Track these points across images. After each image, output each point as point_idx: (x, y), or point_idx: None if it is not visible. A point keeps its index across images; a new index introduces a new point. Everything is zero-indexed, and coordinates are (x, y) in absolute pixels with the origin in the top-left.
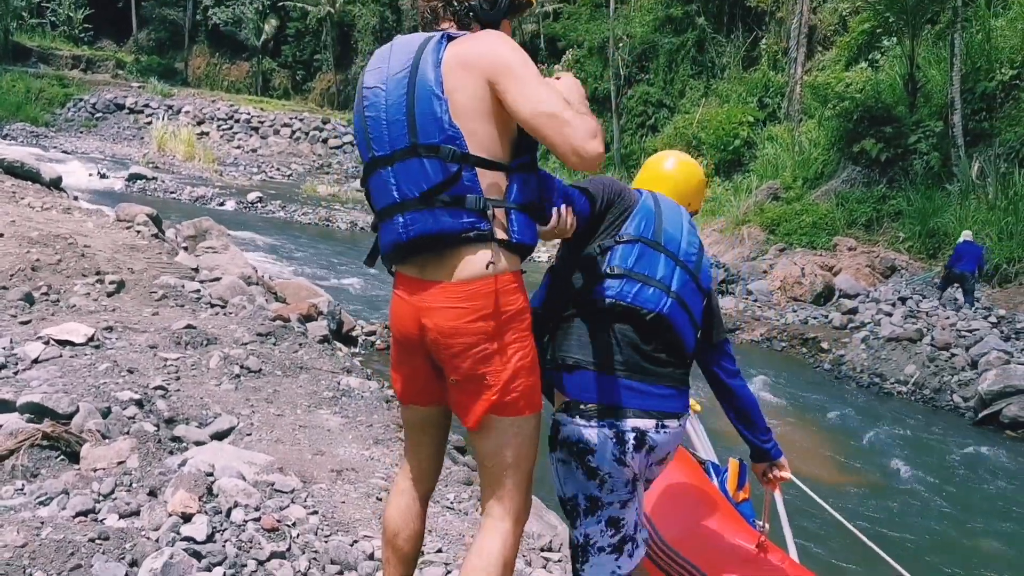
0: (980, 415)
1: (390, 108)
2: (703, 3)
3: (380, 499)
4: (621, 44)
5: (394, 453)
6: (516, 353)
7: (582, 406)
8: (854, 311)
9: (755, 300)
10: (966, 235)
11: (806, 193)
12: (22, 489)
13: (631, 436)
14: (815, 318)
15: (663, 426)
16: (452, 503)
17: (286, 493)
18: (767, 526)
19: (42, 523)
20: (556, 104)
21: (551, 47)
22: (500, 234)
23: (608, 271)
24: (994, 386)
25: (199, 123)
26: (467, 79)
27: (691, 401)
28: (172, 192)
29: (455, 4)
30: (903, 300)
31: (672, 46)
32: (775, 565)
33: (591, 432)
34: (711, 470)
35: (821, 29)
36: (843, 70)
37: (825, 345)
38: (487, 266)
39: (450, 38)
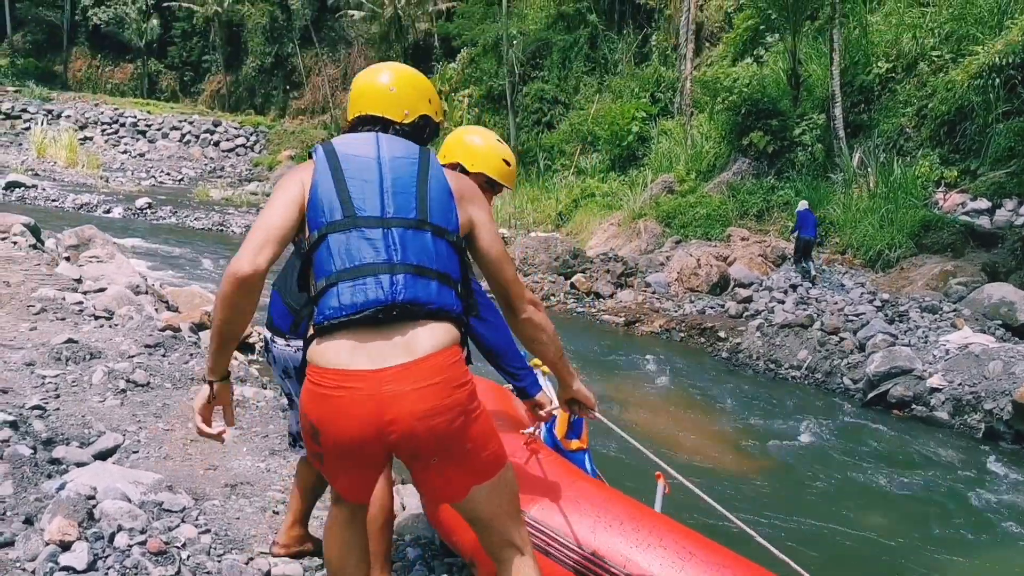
0: (868, 396)
1: (395, 181)
2: (593, 1)
3: (277, 512)
4: (515, 42)
5: (291, 464)
6: (483, 416)
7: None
8: (749, 300)
9: (654, 292)
10: (803, 204)
11: (699, 186)
12: None
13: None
14: (712, 308)
15: (273, 342)
16: None
17: (175, 512)
18: (537, 432)
19: None
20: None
21: (445, 46)
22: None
23: None
24: (881, 368)
25: (81, 127)
26: (461, 202)
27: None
28: (54, 200)
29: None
30: (794, 287)
31: (565, 43)
32: (540, 457)
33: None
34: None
35: (708, 26)
36: (730, 65)
37: (722, 334)
38: (450, 338)
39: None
